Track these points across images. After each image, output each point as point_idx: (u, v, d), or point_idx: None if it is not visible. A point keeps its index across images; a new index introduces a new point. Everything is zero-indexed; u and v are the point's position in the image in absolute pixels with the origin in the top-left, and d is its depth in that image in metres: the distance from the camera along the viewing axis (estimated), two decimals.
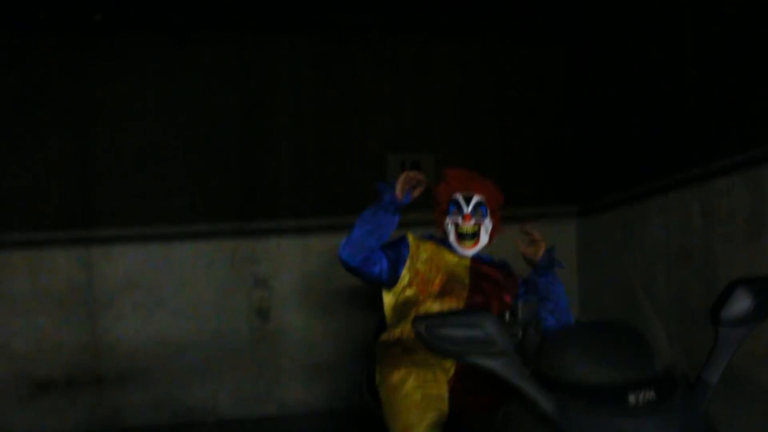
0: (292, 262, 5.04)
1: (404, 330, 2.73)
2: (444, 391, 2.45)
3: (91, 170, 4.80)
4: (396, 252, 2.77)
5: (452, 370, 2.59)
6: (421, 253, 2.80)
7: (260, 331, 4.99)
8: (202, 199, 4.92)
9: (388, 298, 2.86)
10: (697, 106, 3.79)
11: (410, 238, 2.84)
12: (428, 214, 3.08)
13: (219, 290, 4.92)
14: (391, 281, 2.77)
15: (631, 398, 1.65)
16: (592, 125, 5.14)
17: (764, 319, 1.82)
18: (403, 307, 2.79)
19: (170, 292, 4.85)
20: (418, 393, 2.39)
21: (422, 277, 2.75)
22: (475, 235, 2.79)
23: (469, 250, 2.81)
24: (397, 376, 2.55)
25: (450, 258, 2.83)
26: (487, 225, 2.81)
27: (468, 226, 2.77)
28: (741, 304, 1.78)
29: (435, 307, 2.68)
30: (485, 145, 5.19)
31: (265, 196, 5.00)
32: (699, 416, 1.71)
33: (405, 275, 2.76)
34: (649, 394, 1.66)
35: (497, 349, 1.63)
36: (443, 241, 2.89)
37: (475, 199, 2.80)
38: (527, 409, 1.72)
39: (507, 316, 2.03)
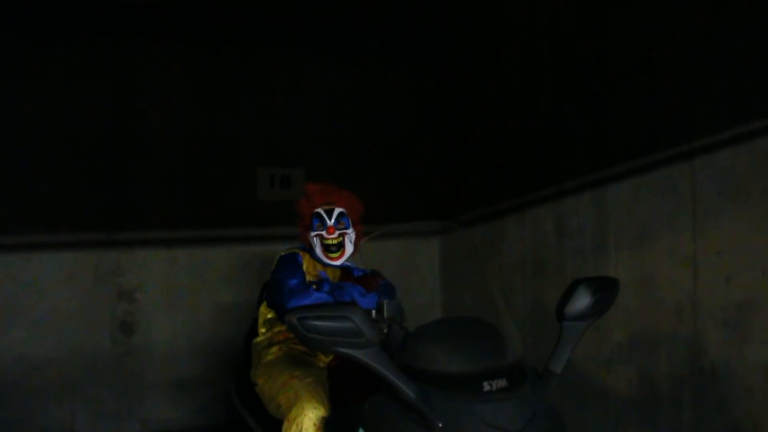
0: (158, 275, 4.93)
1: (276, 334, 2.79)
2: (324, 385, 2.48)
3: None
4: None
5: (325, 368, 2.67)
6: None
7: (124, 346, 4.84)
8: (65, 208, 4.71)
9: (264, 310, 2.91)
10: (550, 130, 4.11)
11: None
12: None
13: (81, 303, 4.73)
14: None
15: (486, 385, 1.82)
16: (455, 144, 5.40)
17: (602, 313, 2.05)
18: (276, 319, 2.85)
19: (27, 305, 4.61)
20: (303, 388, 2.41)
21: None
22: (340, 246, 2.87)
23: (336, 261, 2.88)
24: (277, 371, 2.59)
25: (321, 269, 2.91)
26: (350, 235, 2.90)
27: (332, 237, 2.84)
28: (581, 300, 2.00)
29: None
30: (354, 161, 5.31)
31: (132, 206, 4.87)
32: (546, 401, 1.90)
33: None
34: (502, 382, 1.84)
35: (364, 341, 1.74)
36: (312, 254, 2.95)
37: (337, 211, 2.88)
38: (392, 397, 1.84)
39: (373, 313, 2.13)
